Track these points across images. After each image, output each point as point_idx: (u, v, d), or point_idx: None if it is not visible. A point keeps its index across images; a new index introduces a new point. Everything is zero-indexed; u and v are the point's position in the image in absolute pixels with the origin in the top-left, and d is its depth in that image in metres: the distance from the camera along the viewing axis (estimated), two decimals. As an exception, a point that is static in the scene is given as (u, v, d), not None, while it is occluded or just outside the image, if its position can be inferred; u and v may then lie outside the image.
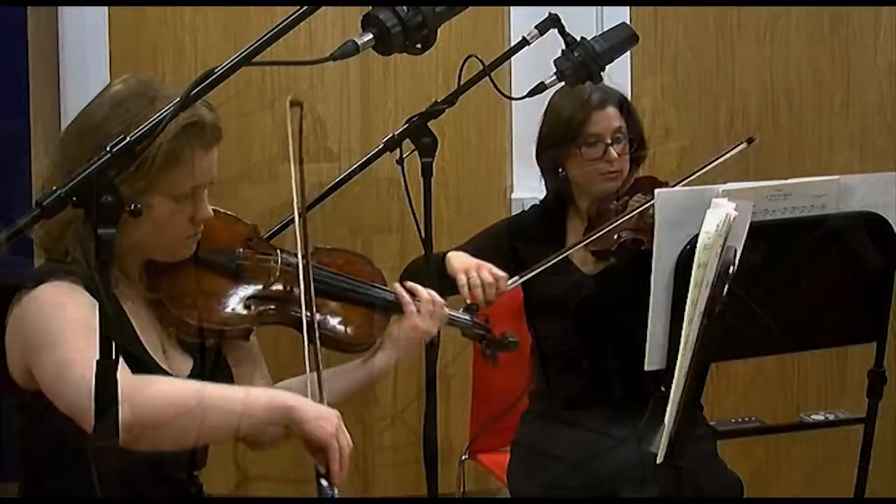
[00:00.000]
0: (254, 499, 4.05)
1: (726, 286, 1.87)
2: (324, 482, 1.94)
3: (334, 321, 2.21)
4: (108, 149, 1.62)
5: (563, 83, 2.67)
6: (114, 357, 1.60)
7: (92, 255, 1.59)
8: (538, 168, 3.04)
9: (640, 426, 2.03)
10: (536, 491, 2.89)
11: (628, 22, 3.48)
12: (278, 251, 2.21)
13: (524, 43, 2.66)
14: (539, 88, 2.68)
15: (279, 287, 2.16)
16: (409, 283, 2.36)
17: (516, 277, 2.77)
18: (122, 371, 1.77)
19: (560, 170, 2.96)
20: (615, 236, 2.81)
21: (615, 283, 2.84)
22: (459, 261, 2.80)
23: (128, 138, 1.63)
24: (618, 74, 3.05)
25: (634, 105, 4.01)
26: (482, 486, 3.69)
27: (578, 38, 2.65)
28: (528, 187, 3.98)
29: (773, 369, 4.00)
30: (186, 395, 1.86)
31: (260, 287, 2.15)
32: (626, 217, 2.80)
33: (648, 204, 2.79)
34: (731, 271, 1.87)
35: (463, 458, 3.32)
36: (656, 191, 2.06)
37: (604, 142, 2.90)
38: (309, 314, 2.07)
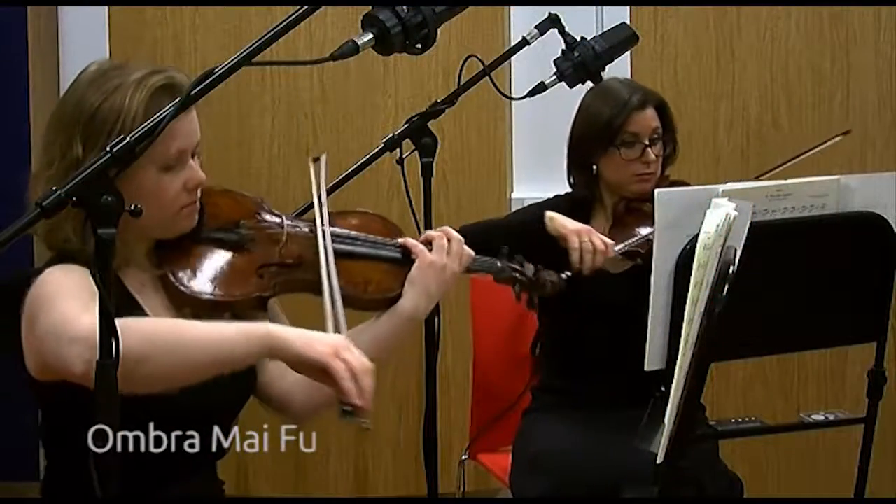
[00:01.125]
0: (254, 499, 4.05)
1: (726, 286, 1.87)
2: (345, 409, 1.82)
3: (350, 280, 2.17)
4: (108, 149, 1.63)
5: (563, 83, 2.67)
6: (114, 358, 1.61)
7: (91, 254, 1.59)
8: (568, 162, 3.01)
9: (640, 426, 2.03)
10: (537, 491, 2.89)
11: (628, 22, 3.48)
12: (284, 218, 2.19)
13: (524, 43, 2.66)
14: (539, 88, 2.68)
15: (288, 253, 2.14)
16: (426, 232, 2.29)
17: (622, 245, 2.76)
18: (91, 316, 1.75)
19: (594, 167, 2.95)
20: (648, 239, 2.81)
21: (636, 284, 2.83)
22: (570, 221, 2.78)
23: (128, 138, 1.64)
24: (618, 74, 3.05)
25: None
26: (482, 486, 3.69)
27: (578, 38, 2.65)
28: (528, 187, 3.99)
29: (773, 369, 4.00)
30: (161, 329, 1.83)
31: (268, 255, 2.13)
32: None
33: None
34: (731, 271, 1.87)
35: (463, 458, 3.32)
36: (656, 191, 2.06)
37: (642, 142, 2.89)
38: (331, 295, 2.06)
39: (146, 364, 1.74)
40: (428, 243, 2.23)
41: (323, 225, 2.16)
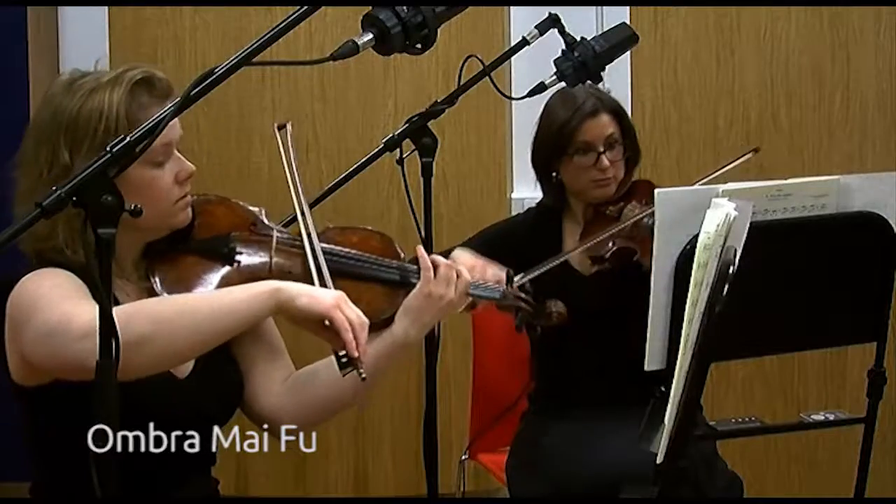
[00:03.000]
0: (254, 499, 4.05)
1: (726, 286, 1.86)
2: (343, 360, 1.89)
3: None
4: (108, 149, 1.62)
5: (563, 83, 2.67)
6: (113, 358, 1.60)
7: (90, 253, 1.59)
8: (534, 170, 3.03)
9: (640, 426, 2.03)
10: (536, 491, 2.89)
11: (628, 22, 3.48)
12: (275, 231, 2.17)
13: (524, 43, 2.66)
14: (539, 88, 2.68)
15: (277, 268, 2.13)
16: (432, 256, 2.25)
17: (521, 275, 2.73)
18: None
19: (554, 174, 2.96)
20: (610, 243, 2.81)
21: (610, 285, 2.84)
22: (464, 260, 2.77)
23: (127, 138, 1.64)
24: (618, 74, 3.05)
25: (635, 105, 4.01)
26: (482, 486, 3.69)
27: (578, 38, 2.65)
28: (528, 187, 3.98)
29: (773, 369, 4.00)
30: (163, 306, 1.87)
31: (257, 269, 2.10)
32: (621, 227, 2.80)
33: (642, 215, 2.81)
34: (731, 271, 1.87)
35: (463, 458, 3.32)
36: (656, 191, 2.06)
37: (596, 150, 2.89)
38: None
39: (149, 345, 1.76)
40: (434, 267, 2.21)
41: (299, 195, 2.17)
